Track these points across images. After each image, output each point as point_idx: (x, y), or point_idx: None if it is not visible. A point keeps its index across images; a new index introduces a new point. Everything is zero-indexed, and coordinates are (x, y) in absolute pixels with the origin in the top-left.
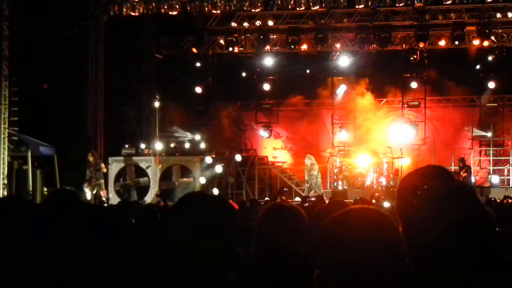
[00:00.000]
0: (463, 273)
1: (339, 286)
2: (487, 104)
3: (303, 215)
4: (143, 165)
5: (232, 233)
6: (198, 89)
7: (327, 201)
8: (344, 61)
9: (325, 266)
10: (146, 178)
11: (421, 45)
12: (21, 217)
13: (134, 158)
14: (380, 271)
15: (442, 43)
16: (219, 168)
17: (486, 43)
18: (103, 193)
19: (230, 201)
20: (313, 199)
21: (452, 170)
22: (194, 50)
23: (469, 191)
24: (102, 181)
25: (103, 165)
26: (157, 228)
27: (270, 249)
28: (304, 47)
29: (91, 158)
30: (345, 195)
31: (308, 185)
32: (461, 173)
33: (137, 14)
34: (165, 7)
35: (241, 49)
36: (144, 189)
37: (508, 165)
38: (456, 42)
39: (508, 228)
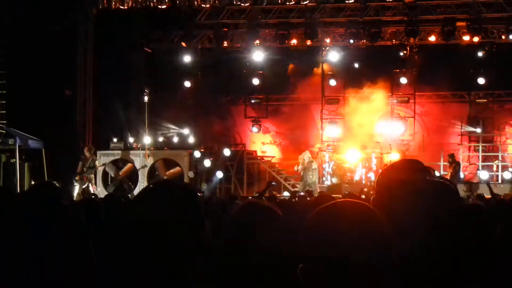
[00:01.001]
0: (446, 266)
1: (324, 280)
2: (477, 100)
3: (278, 214)
4: (134, 160)
5: (198, 219)
6: (187, 83)
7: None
8: (333, 56)
9: (310, 259)
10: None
11: (411, 40)
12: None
13: (123, 152)
14: (366, 264)
15: (432, 38)
16: (207, 163)
17: (476, 39)
18: (92, 188)
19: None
20: (301, 193)
21: (442, 165)
22: (184, 44)
23: (450, 186)
24: (93, 176)
25: (97, 163)
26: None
27: (237, 245)
28: (294, 41)
29: (87, 153)
30: (339, 190)
31: (303, 181)
32: (449, 169)
33: (126, 7)
34: (154, 0)
35: (231, 43)
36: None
37: (497, 161)
38: (446, 38)
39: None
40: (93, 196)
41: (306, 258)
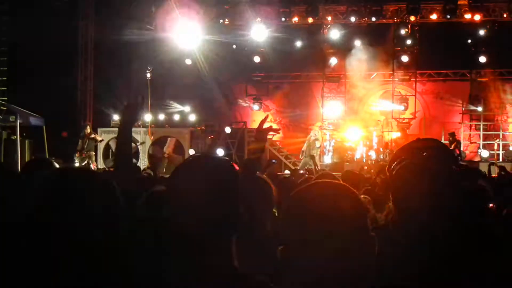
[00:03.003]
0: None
1: (303, 260)
2: (478, 79)
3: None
4: (136, 137)
5: (236, 196)
6: (188, 61)
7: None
8: (335, 34)
9: (290, 240)
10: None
11: (413, 18)
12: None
13: None
14: (345, 244)
15: (433, 16)
16: (208, 140)
17: (477, 17)
18: (93, 165)
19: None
20: (301, 171)
21: None
22: (185, 22)
23: (475, 170)
24: (93, 153)
25: (98, 138)
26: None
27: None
28: (295, 19)
29: (88, 130)
30: (340, 168)
31: (304, 159)
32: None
33: None
34: None
35: (232, 21)
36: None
37: (498, 139)
38: (448, 16)
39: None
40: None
41: (287, 238)
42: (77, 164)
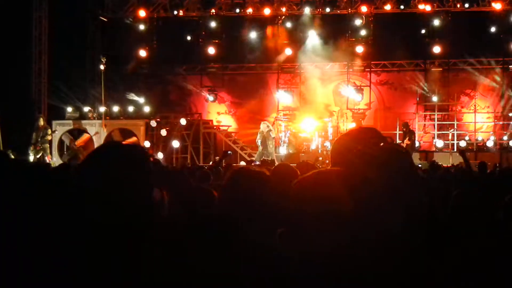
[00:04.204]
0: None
1: (301, 243)
2: (432, 69)
3: (269, 178)
4: (90, 130)
5: (148, 182)
6: (143, 52)
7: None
8: (289, 24)
9: (295, 223)
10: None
11: (365, 9)
12: None
13: (78, 121)
14: (345, 231)
15: (387, 7)
16: (163, 132)
17: (429, 8)
18: (47, 158)
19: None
20: (257, 163)
21: (398, 134)
22: (143, 13)
23: (404, 152)
24: (47, 145)
25: (49, 131)
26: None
27: (231, 211)
28: (250, 10)
29: (41, 122)
30: (295, 159)
31: (260, 150)
32: (404, 141)
33: None
34: None
35: (187, 12)
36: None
37: (452, 129)
38: (402, 7)
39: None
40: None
41: (291, 221)
42: (31, 157)
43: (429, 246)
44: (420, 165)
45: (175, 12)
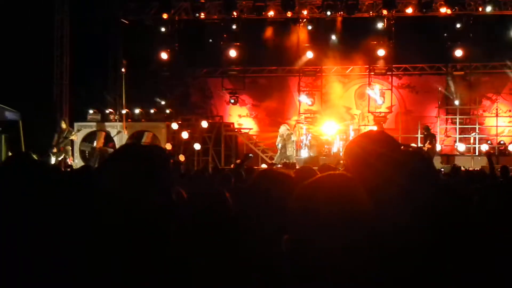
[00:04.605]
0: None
1: (310, 252)
2: (454, 72)
3: (294, 180)
4: (112, 131)
5: (167, 182)
6: (164, 55)
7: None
8: (310, 27)
9: (297, 231)
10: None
11: (386, 12)
12: None
13: (100, 124)
14: (349, 239)
15: (409, 10)
16: (185, 135)
17: (449, 11)
18: (69, 160)
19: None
20: (279, 165)
21: (419, 137)
22: (165, 15)
23: (426, 157)
24: (69, 147)
25: (74, 133)
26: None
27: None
28: (271, 13)
29: (63, 125)
30: (316, 162)
31: (279, 153)
32: (426, 144)
33: None
34: None
35: (208, 15)
36: None
37: (474, 133)
38: (424, 10)
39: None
40: (68, 169)
41: (293, 230)
42: (53, 159)
43: (450, 250)
44: (442, 169)
45: (197, 15)
